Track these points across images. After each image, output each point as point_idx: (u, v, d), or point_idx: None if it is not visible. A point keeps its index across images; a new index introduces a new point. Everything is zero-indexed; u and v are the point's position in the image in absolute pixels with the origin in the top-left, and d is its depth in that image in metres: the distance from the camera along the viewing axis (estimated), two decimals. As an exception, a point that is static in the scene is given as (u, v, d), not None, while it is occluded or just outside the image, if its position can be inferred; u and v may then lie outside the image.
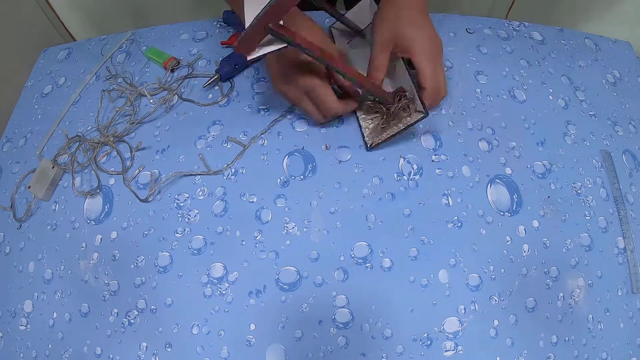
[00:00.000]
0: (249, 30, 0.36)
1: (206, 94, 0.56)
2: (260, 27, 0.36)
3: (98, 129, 0.55)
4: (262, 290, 0.45)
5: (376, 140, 0.49)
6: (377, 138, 0.49)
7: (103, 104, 0.58)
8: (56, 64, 0.65)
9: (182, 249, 0.47)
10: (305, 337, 0.43)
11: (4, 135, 0.60)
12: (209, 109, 0.55)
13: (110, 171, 0.52)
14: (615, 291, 0.47)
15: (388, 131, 0.49)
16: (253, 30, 0.36)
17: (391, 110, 0.48)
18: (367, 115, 0.52)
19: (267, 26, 0.36)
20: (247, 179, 0.50)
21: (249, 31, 0.36)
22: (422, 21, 0.48)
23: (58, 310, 0.47)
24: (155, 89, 0.57)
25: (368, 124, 0.51)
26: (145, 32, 0.65)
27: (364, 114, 0.52)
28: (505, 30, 0.63)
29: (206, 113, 0.55)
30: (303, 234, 0.47)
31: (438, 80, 0.47)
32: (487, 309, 0.44)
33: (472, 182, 0.49)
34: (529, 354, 0.43)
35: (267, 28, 0.36)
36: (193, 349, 0.43)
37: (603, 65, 0.62)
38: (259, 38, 0.38)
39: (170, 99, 0.56)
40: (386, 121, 0.49)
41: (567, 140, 0.53)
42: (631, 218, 0.50)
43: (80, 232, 0.50)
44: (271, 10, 0.35)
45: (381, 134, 0.49)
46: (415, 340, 0.43)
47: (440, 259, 0.46)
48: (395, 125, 0.48)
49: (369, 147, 0.50)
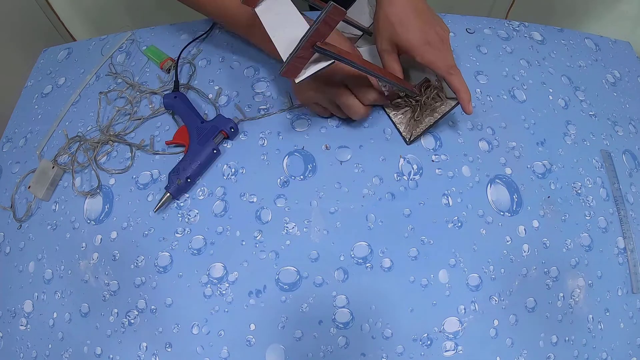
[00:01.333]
0: (297, 54, 0.36)
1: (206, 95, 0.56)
2: (307, 48, 0.36)
3: (99, 129, 0.55)
4: (262, 290, 0.45)
5: (415, 133, 0.50)
6: (415, 131, 0.50)
7: (102, 104, 0.58)
8: (56, 64, 0.65)
9: (182, 249, 0.47)
10: (305, 337, 0.43)
11: (4, 135, 0.60)
12: (209, 108, 0.55)
13: (111, 170, 0.52)
14: (615, 291, 0.47)
15: (425, 122, 0.49)
16: (300, 52, 0.36)
17: (421, 102, 0.49)
18: (398, 112, 0.52)
19: (315, 45, 0.36)
20: (247, 179, 0.50)
21: (297, 54, 0.36)
22: (410, 18, 0.46)
23: (58, 310, 0.47)
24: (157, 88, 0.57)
25: (401, 120, 0.52)
26: (145, 32, 0.65)
27: (394, 111, 0.52)
28: (505, 30, 0.63)
29: (206, 113, 0.55)
30: (303, 234, 0.47)
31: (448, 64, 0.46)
32: (487, 309, 0.44)
33: (472, 182, 0.49)
34: (529, 354, 0.43)
35: (314, 47, 0.36)
36: (193, 349, 0.43)
37: (603, 65, 0.62)
38: (306, 59, 0.37)
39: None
40: (420, 113, 0.49)
41: (567, 140, 0.53)
42: (631, 218, 0.50)
43: (80, 232, 0.50)
44: (319, 28, 0.35)
45: (417, 127, 0.50)
46: (415, 340, 0.43)
47: (440, 259, 0.46)
48: (430, 115, 0.49)
49: (408, 141, 0.51)
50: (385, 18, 0.46)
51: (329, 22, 0.35)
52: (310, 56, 0.37)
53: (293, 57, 0.36)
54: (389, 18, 0.46)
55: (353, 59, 0.39)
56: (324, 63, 0.38)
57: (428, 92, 0.49)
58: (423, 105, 0.49)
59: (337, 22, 0.35)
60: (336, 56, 0.38)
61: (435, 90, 0.48)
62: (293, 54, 0.36)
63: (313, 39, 0.35)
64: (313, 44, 0.36)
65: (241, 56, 0.59)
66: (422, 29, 0.46)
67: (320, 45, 0.36)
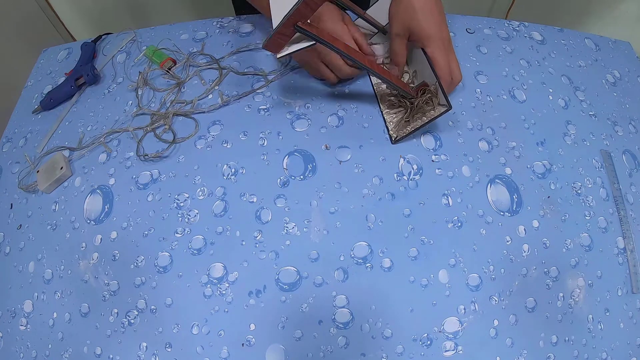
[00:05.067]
0: (277, 29, 0.37)
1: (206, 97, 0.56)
2: (288, 26, 0.37)
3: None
4: (262, 290, 0.45)
5: (400, 133, 0.50)
6: (402, 132, 0.50)
7: (107, 102, 0.58)
8: (56, 64, 0.65)
9: (182, 249, 0.47)
10: (305, 337, 0.43)
11: (4, 135, 0.60)
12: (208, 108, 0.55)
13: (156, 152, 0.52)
14: (615, 291, 0.47)
15: (412, 125, 0.50)
16: (281, 29, 0.37)
17: (415, 104, 0.49)
18: (391, 110, 0.53)
19: (295, 25, 0.37)
20: (247, 179, 0.50)
21: (277, 30, 0.37)
22: (433, 10, 0.48)
23: (58, 310, 0.47)
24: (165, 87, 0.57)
25: (392, 118, 0.52)
26: (145, 32, 0.65)
27: (387, 109, 0.53)
28: (505, 30, 0.63)
29: (206, 113, 0.55)
30: (303, 234, 0.47)
31: (451, 67, 0.49)
32: (487, 309, 0.44)
33: (472, 182, 0.49)
34: (529, 354, 0.43)
35: (295, 27, 0.37)
36: (193, 349, 0.43)
37: (603, 65, 0.62)
38: (287, 37, 0.39)
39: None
40: (410, 115, 0.50)
41: (567, 140, 0.53)
42: (631, 218, 0.50)
43: (80, 232, 0.50)
44: (299, 9, 0.35)
45: (405, 128, 0.50)
46: (415, 340, 0.43)
47: (440, 259, 0.46)
48: (419, 119, 0.49)
49: (393, 140, 0.51)
50: (408, 3, 0.48)
51: (309, 4, 0.35)
52: (291, 34, 0.38)
53: (274, 33, 0.37)
54: (412, 3, 0.47)
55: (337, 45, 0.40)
56: (305, 43, 0.39)
57: (424, 96, 0.49)
58: (415, 107, 0.49)
59: (318, 5, 0.36)
60: (317, 38, 0.39)
61: (429, 94, 0.49)
62: (275, 30, 0.37)
63: (294, 18, 0.36)
64: (294, 23, 0.37)
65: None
66: (440, 24, 0.48)
67: (300, 25, 0.37)
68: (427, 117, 0.49)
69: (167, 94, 0.57)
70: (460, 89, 0.56)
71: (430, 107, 0.49)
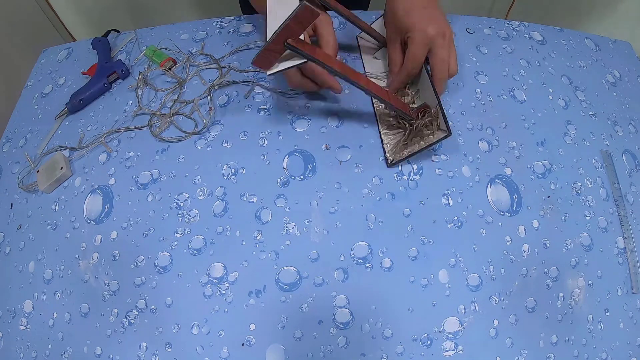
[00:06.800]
0: (267, 46, 0.35)
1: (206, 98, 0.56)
2: (278, 42, 0.35)
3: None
4: (262, 290, 0.45)
5: (397, 157, 0.49)
6: (398, 155, 0.49)
7: (107, 102, 0.58)
8: (56, 64, 0.66)
9: (182, 249, 0.47)
10: (305, 337, 0.43)
11: (4, 135, 0.60)
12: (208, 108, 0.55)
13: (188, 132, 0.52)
14: (615, 291, 0.47)
15: (409, 149, 0.48)
16: (271, 45, 0.35)
17: (414, 127, 0.48)
18: (389, 131, 0.51)
19: (285, 42, 0.35)
20: (247, 179, 0.50)
21: (267, 46, 0.35)
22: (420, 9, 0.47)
23: (58, 310, 0.47)
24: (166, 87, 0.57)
25: (390, 140, 0.51)
26: (146, 32, 0.65)
27: (386, 130, 0.51)
28: (505, 30, 0.63)
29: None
30: (303, 234, 0.47)
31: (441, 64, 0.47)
32: (487, 309, 0.44)
33: (472, 182, 0.49)
34: (529, 354, 0.43)
35: (285, 44, 0.36)
36: (193, 349, 0.43)
37: (603, 65, 0.62)
38: (277, 53, 0.37)
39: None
40: (408, 138, 0.48)
41: (567, 140, 0.53)
42: (631, 218, 0.50)
43: (80, 232, 0.50)
44: (289, 25, 0.34)
45: (402, 151, 0.49)
46: (415, 340, 0.43)
47: (440, 259, 0.46)
48: (417, 143, 0.48)
49: (389, 163, 0.50)
50: (394, 3, 0.48)
51: (300, 20, 0.34)
52: (281, 51, 0.37)
53: (263, 49, 0.36)
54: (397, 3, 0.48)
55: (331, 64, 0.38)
56: (296, 61, 0.38)
57: (424, 118, 0.47)
58: (414, 130, 0.48)
59: (310, 21, 0.35)
60: (308, 56, 0.37)
61: (429, 118, 0.47)
62: (264, 46, 0.36)
63: (284, 34, 0.35)
64: (284, 39, 0.35)
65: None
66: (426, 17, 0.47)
67: (290, 43, 0.36)
68: (425, 142, 0.47)
69: (167, 94, 0.57)
70: (460, 88, 0.56)
71: (429, 131, 0.48)
